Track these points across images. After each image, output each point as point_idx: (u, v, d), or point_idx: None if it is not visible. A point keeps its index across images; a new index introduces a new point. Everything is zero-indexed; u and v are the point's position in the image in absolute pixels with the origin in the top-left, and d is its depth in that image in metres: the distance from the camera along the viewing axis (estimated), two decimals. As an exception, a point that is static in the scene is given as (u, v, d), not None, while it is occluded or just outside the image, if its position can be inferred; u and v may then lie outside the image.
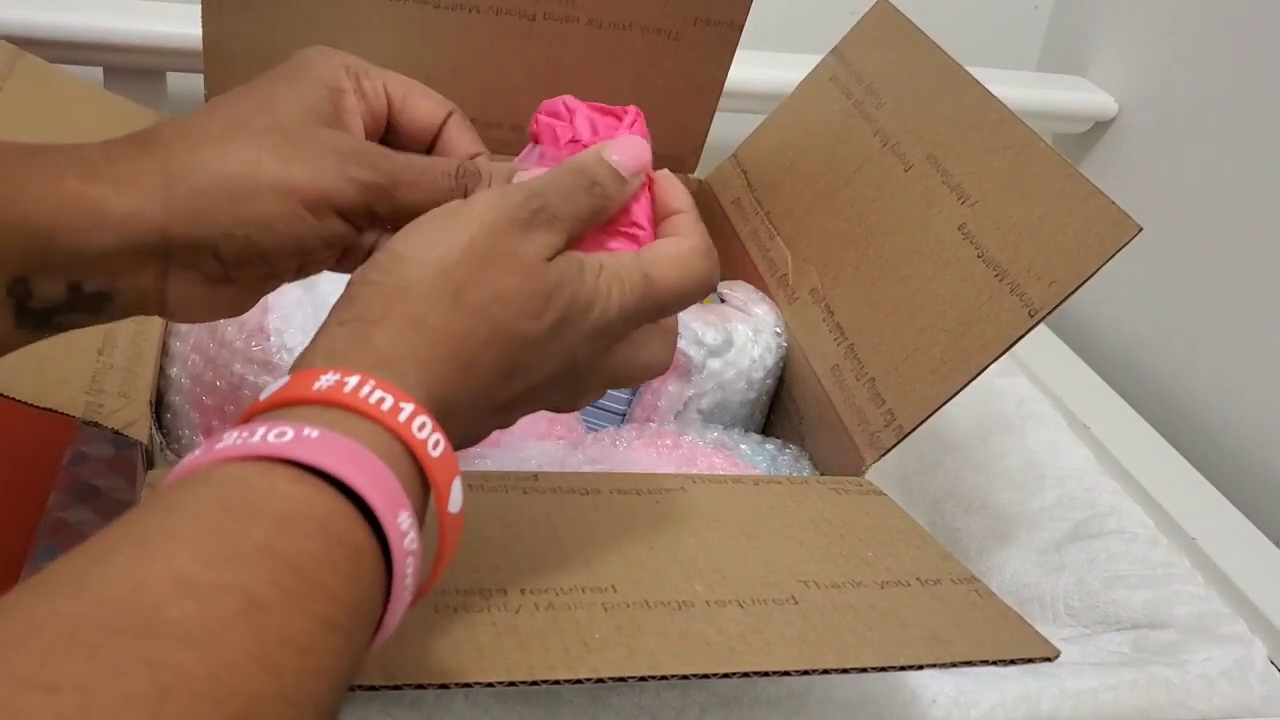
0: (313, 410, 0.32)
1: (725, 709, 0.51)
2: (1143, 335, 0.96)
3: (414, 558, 0.32)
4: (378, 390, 0.33)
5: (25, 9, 0.80)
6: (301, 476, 0.30)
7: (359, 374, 0.33)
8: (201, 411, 0.59)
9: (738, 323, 0.69)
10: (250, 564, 0.27)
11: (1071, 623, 0.65)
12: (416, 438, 0.33)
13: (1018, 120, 0.63)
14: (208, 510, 0.29)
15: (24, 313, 0.37)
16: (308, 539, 0.29)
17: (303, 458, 0.30)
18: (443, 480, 0.33)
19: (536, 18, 0.73)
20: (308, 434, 0.31)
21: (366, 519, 0.30)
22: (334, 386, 0.32)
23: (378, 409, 0.32)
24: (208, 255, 0.38)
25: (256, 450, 0.30)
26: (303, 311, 0.60)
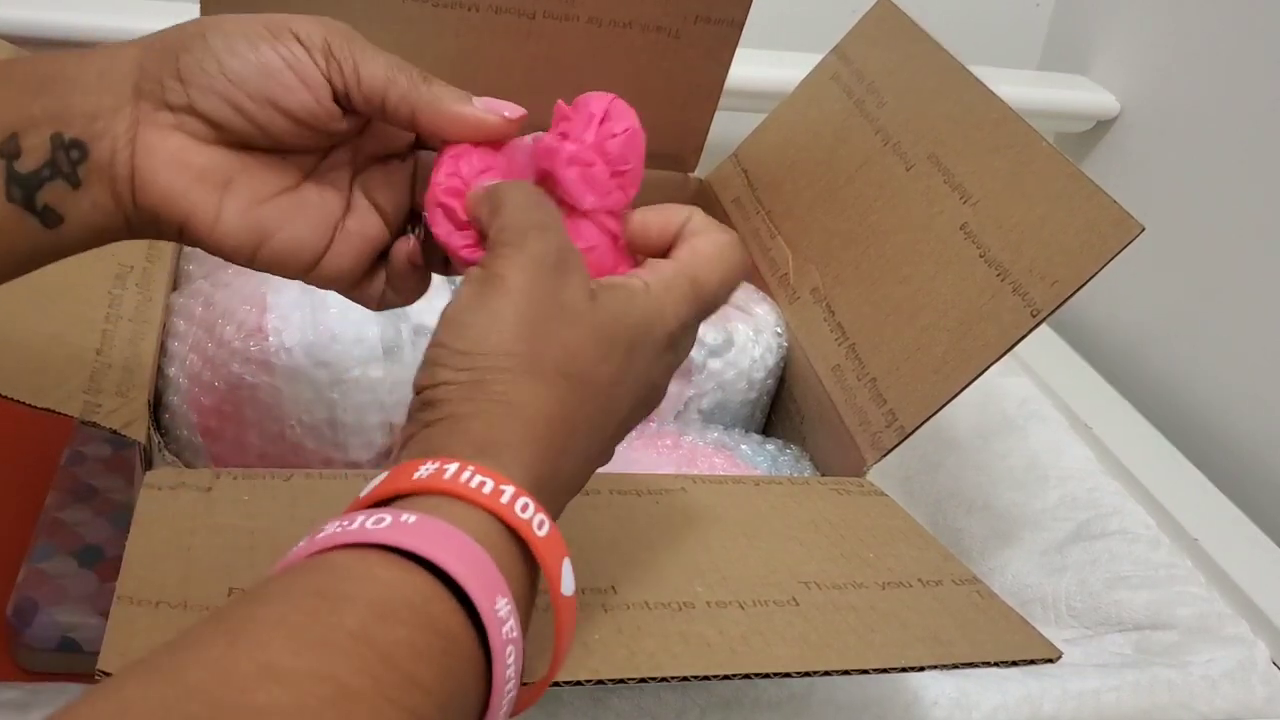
0: (414, 500, 0.32)
1: (726, 710, 0.51)
2: (1145, 335, 0.96)
3: (514, 646, 0.31)
4: (478, 475, 0.32)
5: (24, 8, 0.80)
6: (398, 561, 0.30)
7: (458, 461, 0.33)
8: (199, 411, 0.59)
9: (738, 322, 0.69)
10: (343, 651, 0.27)
11: (1074, 624, 0.64)
12: (520, 518, 0.32)
13: (1019, 119, 0.62)
14: (302, 596, 0.28)
15: (13, 181, 0.38)
16: (401, 626, 0.28)
17: (398, 542, 0.30)
18: (552, 561, 0.33)
19: (536, 16, 0.72)
20: (405, 519, 0.31)
21: (465, 607, 0.30)
22: (434, 474, 0.32)
23: (479, 493, 0.32)
24: (171, 77, 0.39)
25: (353, 538, 0.30)
26: (301, 311, 0.60)
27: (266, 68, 0.39)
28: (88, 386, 0.52)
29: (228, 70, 0.39)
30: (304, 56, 0.39)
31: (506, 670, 0.31)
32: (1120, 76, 1.02)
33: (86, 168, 0.39)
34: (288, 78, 0.39)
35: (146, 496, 0.47)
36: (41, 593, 0.58)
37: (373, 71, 0.40)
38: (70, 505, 0.63)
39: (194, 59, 0.39)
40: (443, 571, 0.30)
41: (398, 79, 0.40)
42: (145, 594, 0.41)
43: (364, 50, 0.40)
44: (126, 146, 0.39)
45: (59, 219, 0.39)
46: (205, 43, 0.39)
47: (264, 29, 0.39)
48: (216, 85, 0.39)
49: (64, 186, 0.38)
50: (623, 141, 0.41)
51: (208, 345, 0.60)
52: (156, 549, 0.44)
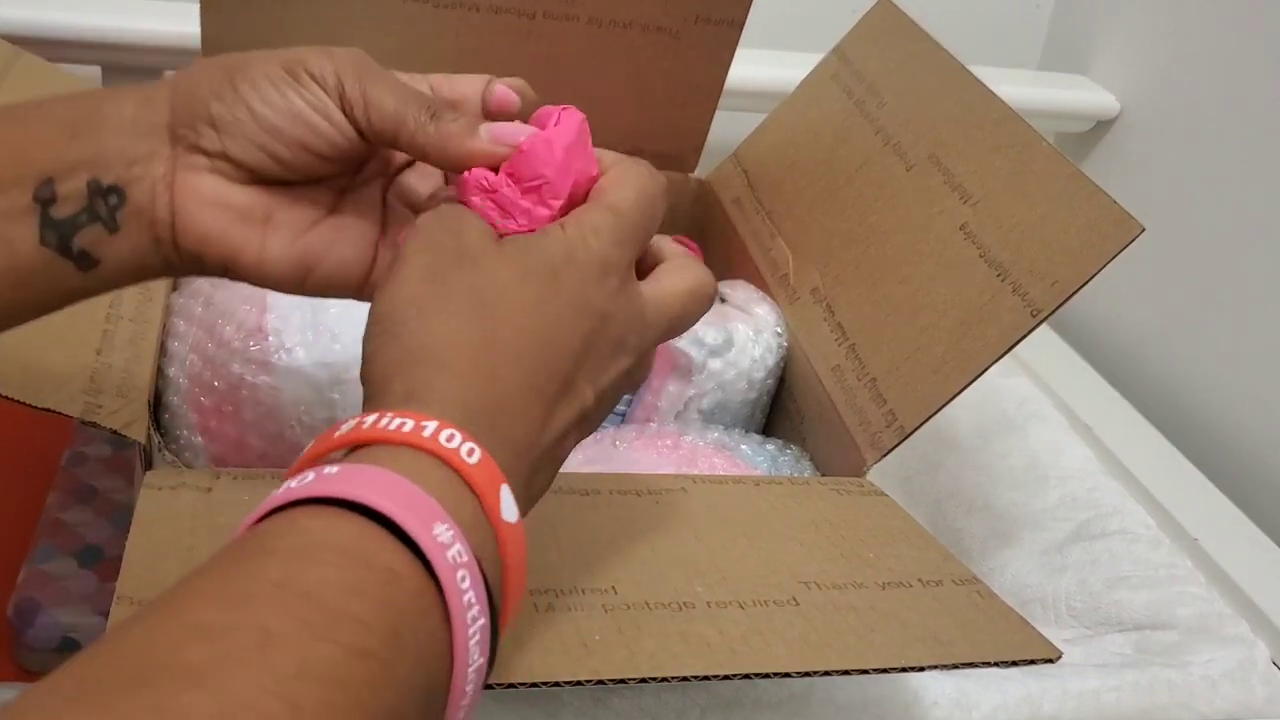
0: (336, 455, 0.32)
1: (726, 711, 0.51)
2: (1145, 335, 0.96)
3: (466, 571, 0.30)
4: (396, 418, 0.32)
5: (24, 8, 0.80)
6: (324, 511, 0.30)
7: (378, 411, 0.33)
8: (199, 412, 0.59)
9: (738, 322, 0.69)
10: (265, 599, 0.27)
11: (1073, 624, 0.64)
12: (445, 448, 0.32)
13: (1019, 119, 0.62)
14: (226, 561, 0.29)
15: (48, 225, 0.38)
16: (327, 567, 0.28)
17: (321, 492, 0.30)
18: (486, 487, 0.32)
19: (536, 16, 0.72)
20: (328, 471, 0.31)
21: (406, 543, 0.30)
22: (354, 427, 0.32)
23: (399, 433, 0.32)
24: (204, 123, 0.39)
25: (280, 499, 0.30)
26: (301, 312, 0.60)
27: (294, 113, 0.39)
28: (88, 387, 0.52)
29: (259, 119, 0.39)
30: (324, 97, 0.40)
31: (464, 596, 0.30)
32: (1120, 76, 1.02)
33: (125, 212, 0.39)
34: (314, 119, 0.40)
35: (146, 497, 0.47)
36: (42, 593, 0.58)
37: (382, 112, 0.40)
38: (71, 506, 0.64)
39: (226, 108, 0.39)
40: (377, 514, 0.29)
41: (405, 120, 0.40)
42: (145, 594, 0.41)
43: (374, 85, 0.40)
44: (165, 191, 0.40)
45: (95, 262, 0.39)
46: (235, 90, 0.39)
47: (283, 71, 0.39)
48: (249, 132, 0.39)
49: (101, 231, 0.39)
50: (526, 157, 0.40)
51: (208, 345, 0.60)
52: (157, 549, 0.44)
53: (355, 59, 0.40)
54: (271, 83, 0.39)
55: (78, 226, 0.38)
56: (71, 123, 0.38)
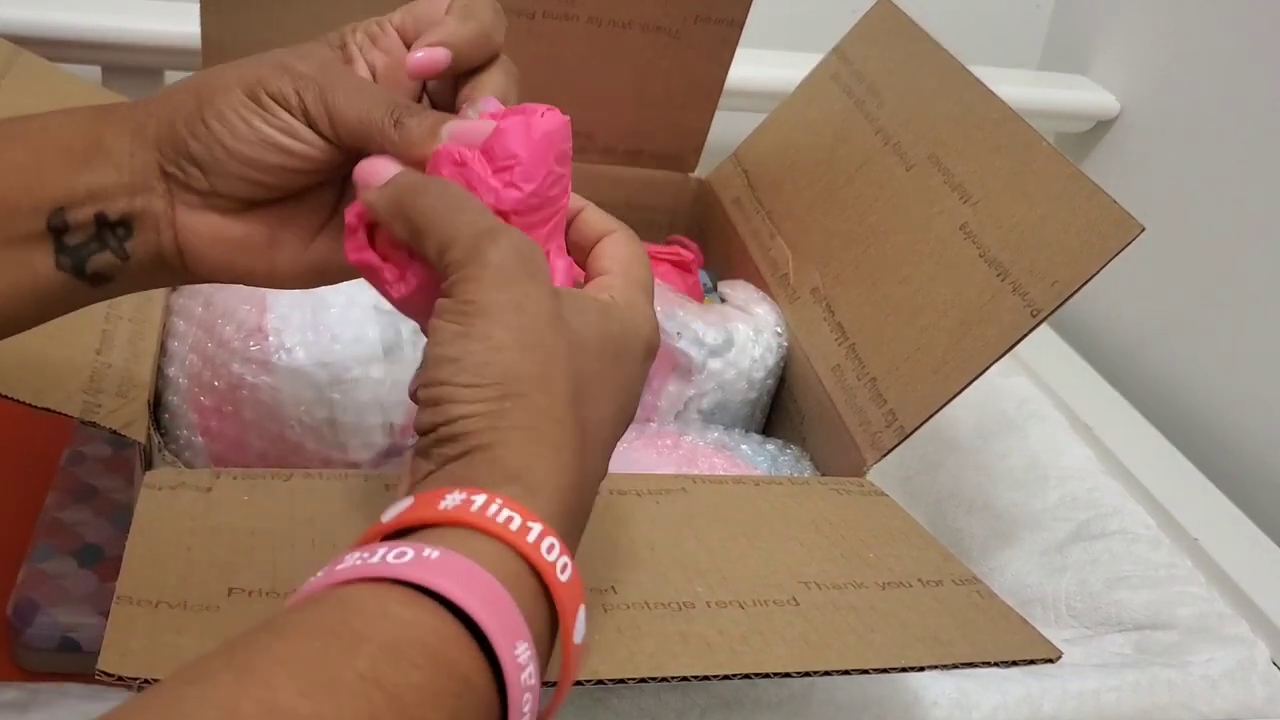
0: (439, 532, 0.31)
1: (726, 711, 0.51)
2: (1145, 335, 0.96)
3: (531, 694, 0.30)
4: (505, 509, 0.31)
5: (24, 7, 0.80)
6: (416, 599, 0.29)
7: (486, 492, 0.31)
8: (199, 412, 0.59)
9: (738, 322, 0.69)
10: (350, 693, 0.26)
11: (1073, 624, 0.64)
12: (545, 560, 0.31)
13: (1019, 119, 0.62)
14: (314, 634, 0.28)
15: (62, 251, 0.39)
16: (414, 669, 0.27)
17: (419, 579, 0.29)
18: (570, 608, 0.32)
19: (536, 15, 0.72)
20: (428, 555, 0.29)
21: (483, 649, 0.29)
22: (461, 505, 0.31)
23: (506, 529, 0.31)
24: (188, 163, 0.39)
25: (373, 571, 0.29)
26: (300, 312, 0.60)
27: (265, 140, 0.39)
28: (88, 386, 0.52)
29: (235, 154, 0.39)
30: (289, 119, 0.39)
31: (522, 718, 0.30)
32: (1120, 76, 1.02)
33: (133, 243, 0.40)
34: (286, 142, 0.39)
35: (146, 497, 0.47)
36: (41, 593, 0.57)
37: (347, 125, 0.39)
38: (70, 505, 0.63)
39: (203, 147, 0.39)
40: (463, 612, 0.29)
41: (370, 131, 0.39)
42: (145, 594, 0.41)
43: (335, 96, 0.39)
44: (169, 229, 0.40)
45: (108, 280, 0.40)
46: (207, 128, 0.39)
47: (245, 98, 0.39)
48: (230, 168, 0.39)
49: (111, 258, 0.40)
50: (501, 136, 0.39)
51: (208, 345, 0.60)
52: (156, 549, 0.44)
53: (314, 70, 0.39)
54: (237, 114, 0.39)
55: (90, 253, 0.39)
56: (79, 152, 0.39)
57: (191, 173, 0.39)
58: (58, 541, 0.61)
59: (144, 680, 0.37)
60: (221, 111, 0.39)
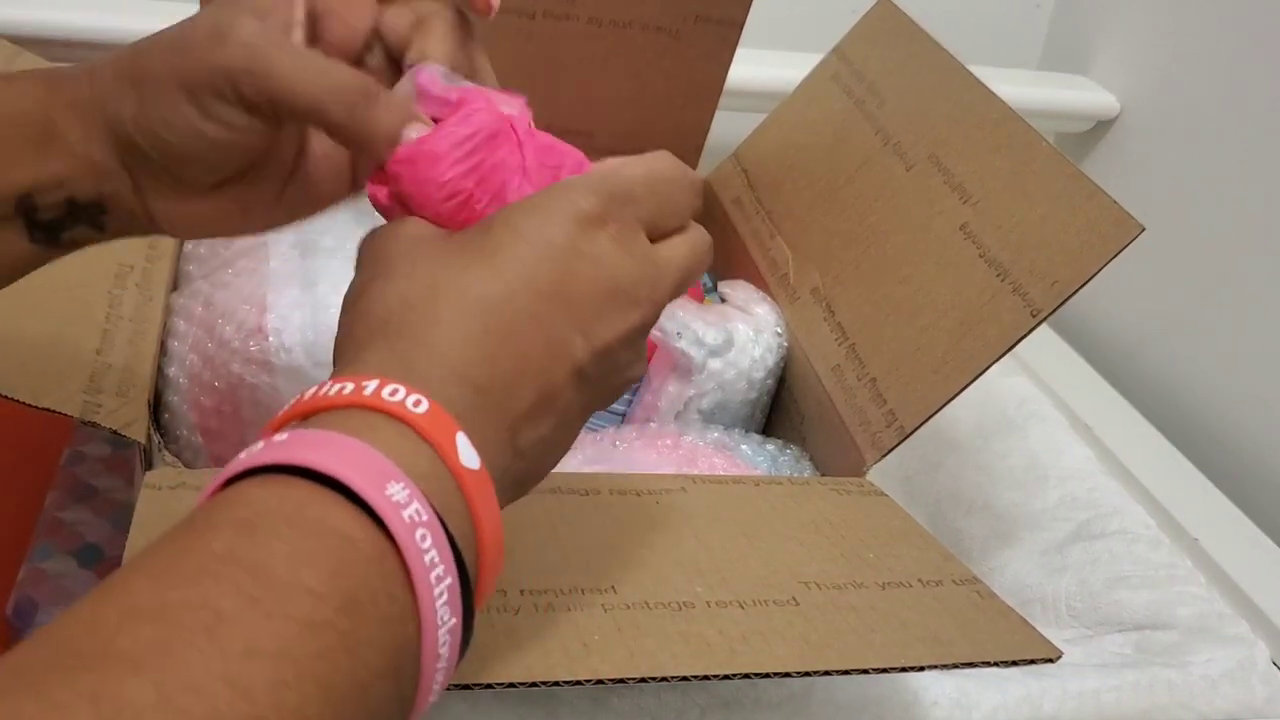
0: (287, 426, 0.31)
1: (726, 711, 0.51)
2: (1145, 335, 0.96)
3: (427, 529, 0.29)
4: (336, 385, 0.31)
5: (24, 7, 0.80)
6: (271, 480, 0.29)
7: (333, 379, 0.32)
8: (199, 411, 0.59)
9: (738, 322, 0.69)
10: (211, 575, 0.26)
11: (1073, 624, 0.64)
12: (389, 402, 0.30)
13: (1019, 119, 0.62)
14: (172, 538, 0.28)
15: (35, 226, 0.39)
16: (274, 539, 0.27)
17: (267, 459, 0.29)
18: (439, 435, 0.31)
19: (536, 16, 0.73)
20: (277, 439, 0.30)
21: (362, 506, 0.28)
22: (295, 401, 0.32)
23: (340, 396, 0.31)
24: (144, 158, 0.39)
25: (228, 472, 0.29)
26: (301, 312, 0.60)
27: (211, 137, 0.38)
28: (88, 386, 0.52)
29: (190, 152, 0.39)
30: (228, 113, 0.38)
31: (426, 555, 0.29)
32: (1120, 76, 1.02)
33: (109, 218, 0.40)
34: (230, 136, 0.38)
35: (146, 496, 0.47)
36: (41, 592, 0.58)
37: (294, 110, 0.38)
38: (70, 505, 0.64)
39: (153, 146, 0.39)
40: (328, 480, 0.28)
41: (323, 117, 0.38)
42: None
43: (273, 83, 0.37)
44: (143, 212, 0.40)
45: (85, 244, 0.41)
46: (154, 131, 0.38)
47: (185, 100, 0.38)
48: (186, 156, 0.39)
49: (88, 229, 0.40)
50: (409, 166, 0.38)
51: (208, 345, 0.60)
52: (156, 549, 0.44)
53: (244, 58, 0.37)
54: (180, 115, 0.38)
55: (65, 226, 0.40)
56: (34, 137, 0.38)
57: (153, 164, 0.39)
58: (58, 541, 0.61)
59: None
60: (165, 117, 0.38)
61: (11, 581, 0.58)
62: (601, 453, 0.63)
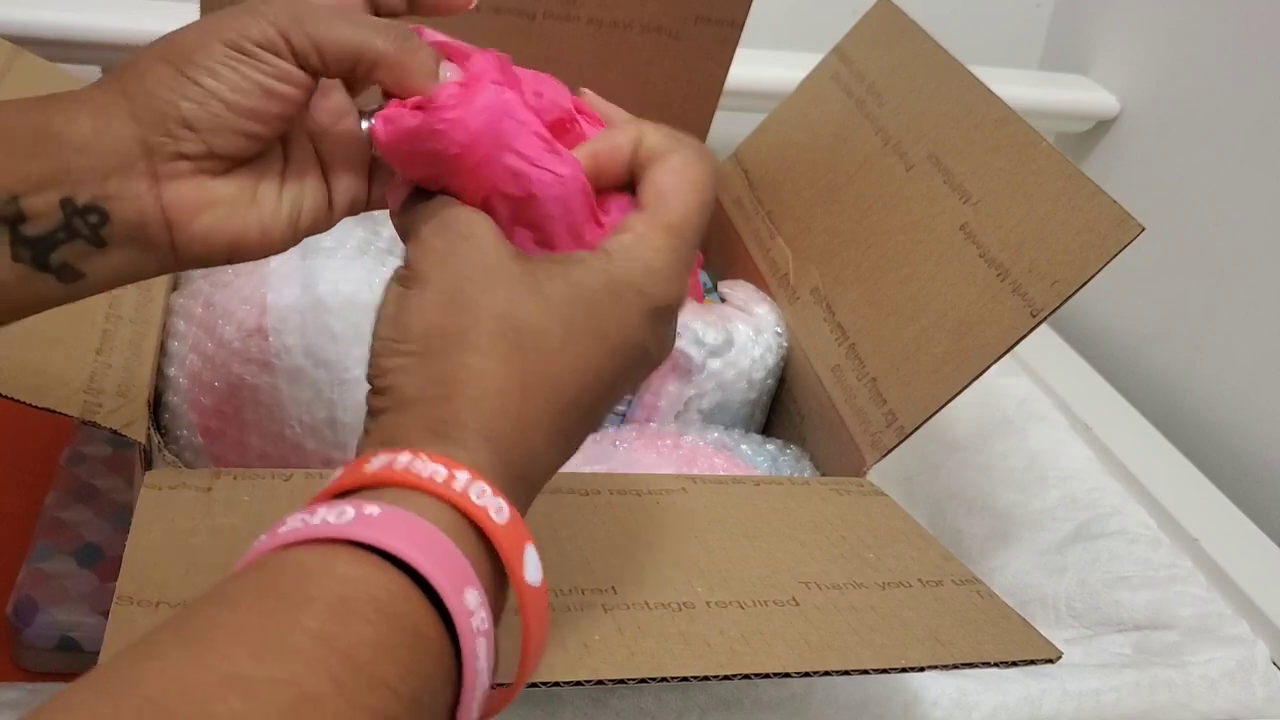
0: (375, 492, 0.31)
1: (726, 711, 0.51)
2: (1145, 335, 0.96)
3: (485, 639, 0.30)
4: (430, 463, 0.32)
5: (24, 7, 0.80)
6: (361, 557, 0.29)
7: (409, 450, 0.32)
8: (199, 412, 0.59)
9: (738, 322, 0.69)
10: (303, 655, 0.26)
11: (1073, 624, 0.64)
12: (475, 505, 0.31)
13: (1020, 119, 0.62)
14: (261, 598, 0.28)
15: (21, 243, 0.36)
16: (365, 625, 0.28)
17: (362, 537, 0.29)
18: (510, 548, 0.32)
19: (537, 16, 0.73)
20: (369, 512, 0.30)
21: (434, 601, 0.29)
22: (386, 466, 0.32)
23: (432, 481, 0.31)
24: (180, 126, 0.38)
25: (316, 533, 0.29)
26: (301, 312, 0.60)
27: (264, 89, 0.38)
28: (88, 386, 0.52)
29: (236, 107, 0.38)
30: (281, 64, 0.38)
31: (478, 664, 0.30)
32: (1120, 76, 1.02)
33: (110, 230, 0.38)
34: (282, 89, 0.38)
35: (146, 496, 0.47)
36: (41, 592, 0.58)
37: (339, 54, 0.38)
38: (70, 505, 0.63)
39: (198, 106, 0.38)
40: (409, 565, 0.29)
41: (365, 55, 0.39)
42: (145, 594, 0.41)
43: (318, 28, 0.38)
44: (154, 207, 0.38)
45: (79, 275, 0.38)
46: (198, 85, 0.38)
47: (232, 51, 0.38)
48: (229, 123, 0.38)
49: (85, 247, 0.37)
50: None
51: (208, 345, 0.60)
52: (156, 549, 0.44)
53: (286, 7, 0.38)
54: (228, 67, 0.38)
55: (56, 243, 0.37)
56: (26, 140, 0.37)
57: (184, 136, 0.38)
58: (58, 541, 0.61)
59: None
60: (211, 68, 0.38)
61: (11, 581, 0.58)
62: (602, 453, 0.63)
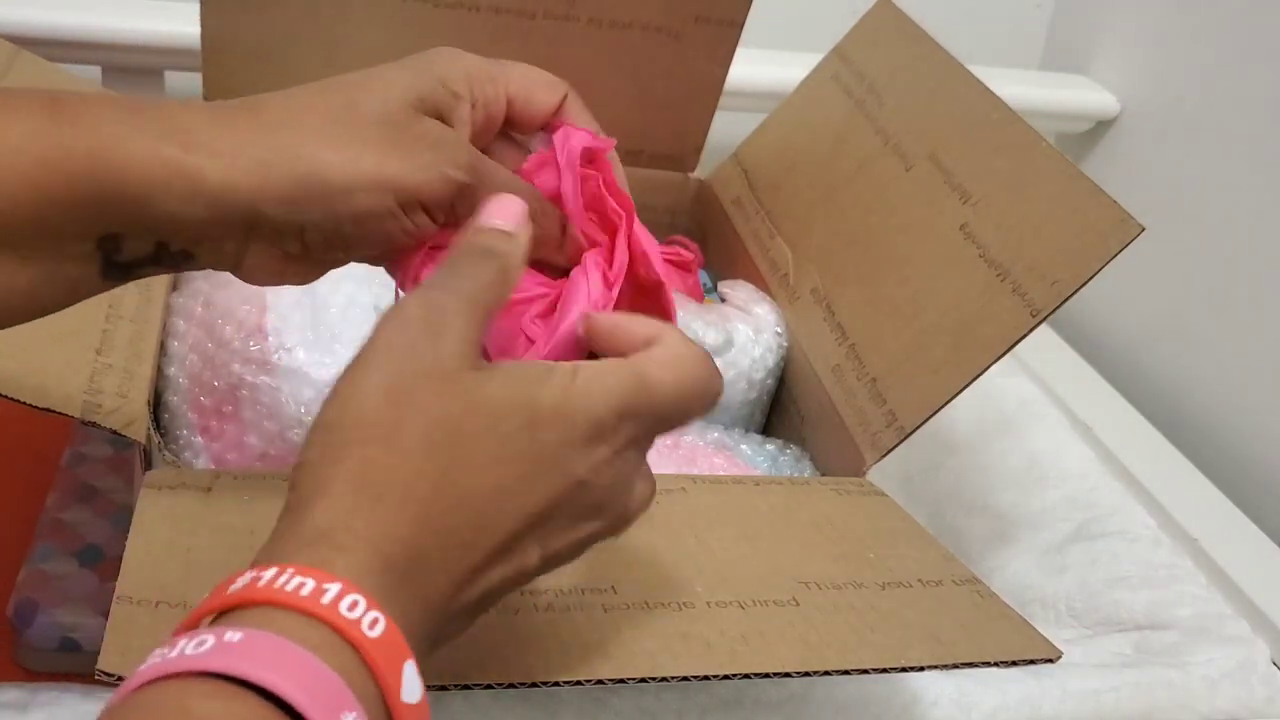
0: (237, 614, 0.29)
1: (726, 711, 0.51)
2: (1145, 335, 0.96)
3: None
4: (296, 576, 0.29)
5: (24, 7, 0.80)
6: (219, 689, 0.26)
7: (276, 565, 0.29)
8: (199, 412, 0.59)
9: (738, 322, 0.69)
10: None
11: (1073, 624, 0.64)
12: (345, 619, 0.28)
13: (1020, 119, 0.62)
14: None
15: (110, 266, 0.38)
16: None
17: (220, 667, 0.27)
18: (385, 665, 0.29)
19: (537, 16, 0.72)
20: (229, 639, 0.27)
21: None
22: (248, 585, 0.29)
23: (296, 595, 0.28)
24: (293, 238, 0.39)
25: (173, 667, 0.27)
26: (301, 312, 0.60)
27: (386, 237, 0.39)
28: (88, 387, 0.52)
29: (351, 247, 0.39)
30: (426, 223, 0.40)
31: None
32: (1120, 76, 1.02)
33: (190, 265, 0.39)
34: (400, 238, 0.40)
35: (146, 497, 0.47)
36: (42, 593, 0.58)
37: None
38: (71, 505, 0.63)
39: (321, 236, 0.38)
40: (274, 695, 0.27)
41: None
42: (145, 594, 0.41)
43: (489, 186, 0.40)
44: (231, 260, 0.40)
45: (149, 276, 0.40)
46: (336, 225, 0.38)
47: (397, 206, 0.38)
48: (335, 253, 0.40)
49: (163, 272, 0.39)
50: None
51: (208, 345, 0.60)
52: (156, 549, 0.44)
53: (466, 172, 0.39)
54: (378, 218, 0.38)
55: (143, 266, 0.38)
56: (142, 197, 0.36)
57: (290, 242, 0.39)
58: (58, 542, 0.61)
59: (144, 680, 0.37)
60: (361, 214, 0.38)
61: (12, 582, 0.58)
62: (601, 453, 0.63)
